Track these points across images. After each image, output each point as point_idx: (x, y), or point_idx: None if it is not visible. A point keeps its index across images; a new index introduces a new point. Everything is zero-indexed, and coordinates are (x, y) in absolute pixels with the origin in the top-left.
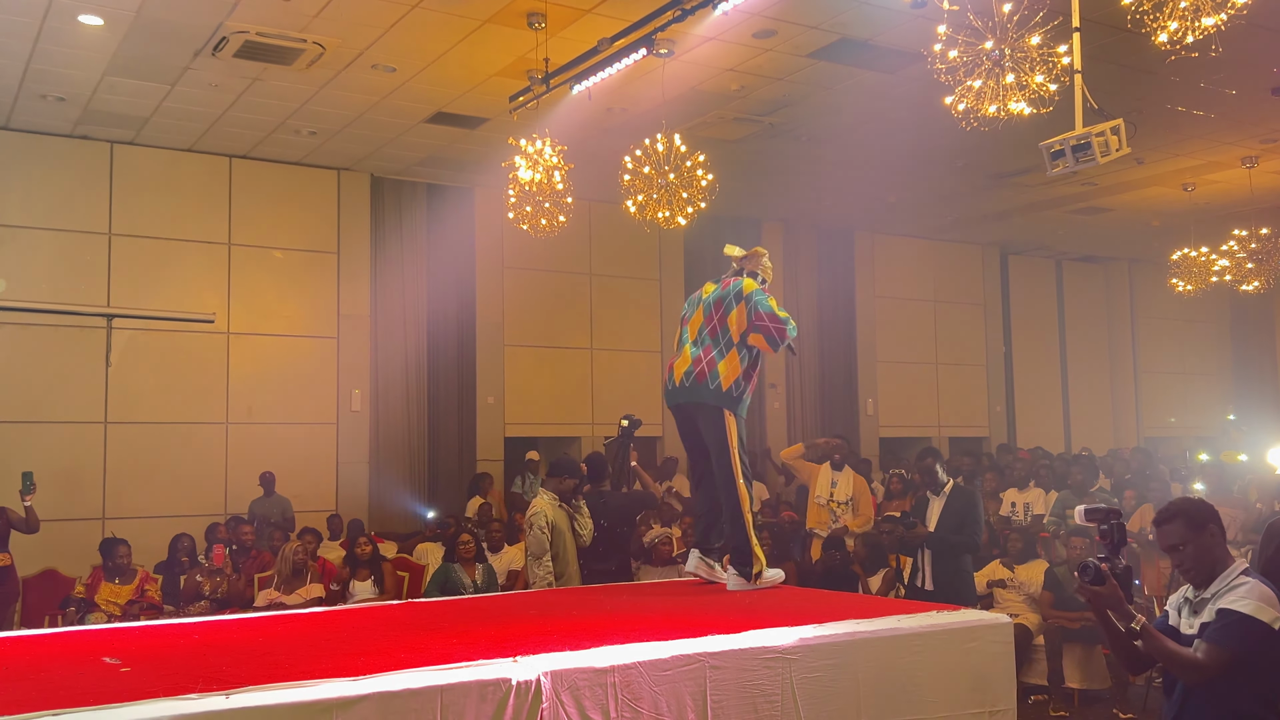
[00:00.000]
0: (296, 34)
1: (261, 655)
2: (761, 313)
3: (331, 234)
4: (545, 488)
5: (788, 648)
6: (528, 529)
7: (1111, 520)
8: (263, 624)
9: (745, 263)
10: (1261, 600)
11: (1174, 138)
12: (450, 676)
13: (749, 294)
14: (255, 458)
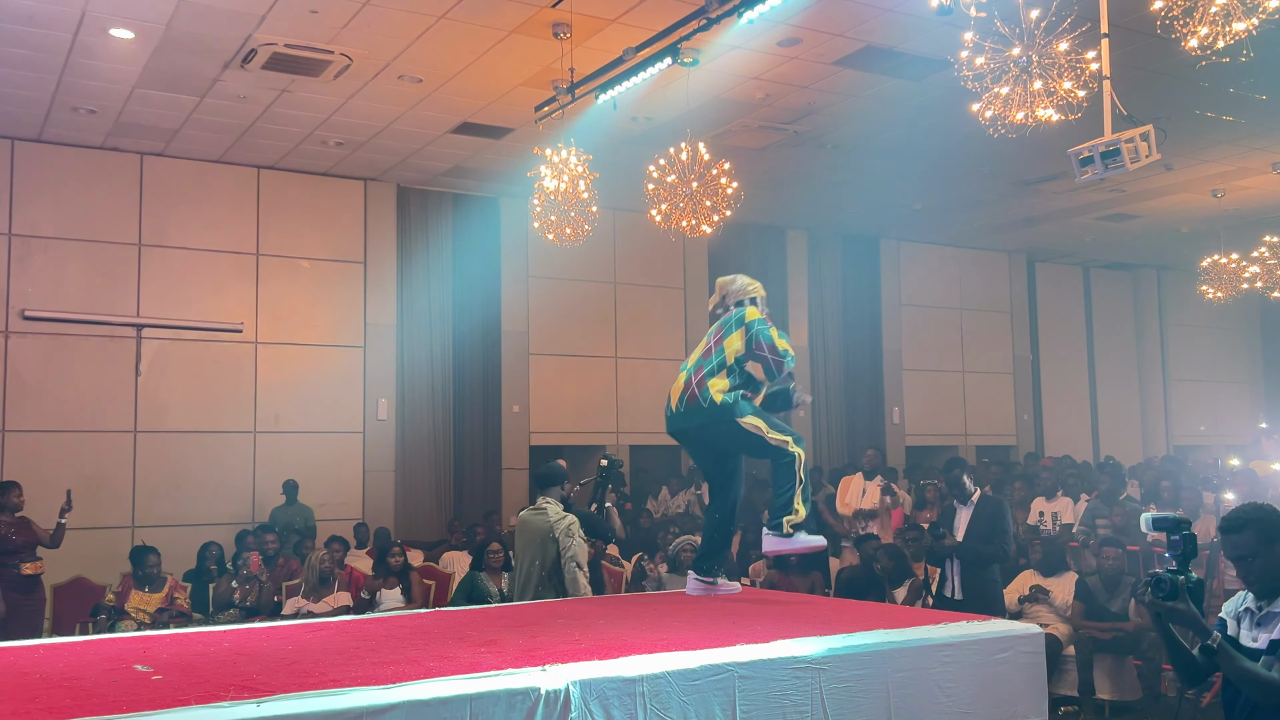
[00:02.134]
0: (324, 45)
1: (291, 663)
2: (762, 343)
3: (358, 244)
4: (549, 498)
5: (817, 658)
6: (567, 539)
7: (1182, 530)
8: (291, 632)
9: (730, 298)
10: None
11: (1203, 143)
12: (479, 685)
13: (750, 322)
14: (282, 466)
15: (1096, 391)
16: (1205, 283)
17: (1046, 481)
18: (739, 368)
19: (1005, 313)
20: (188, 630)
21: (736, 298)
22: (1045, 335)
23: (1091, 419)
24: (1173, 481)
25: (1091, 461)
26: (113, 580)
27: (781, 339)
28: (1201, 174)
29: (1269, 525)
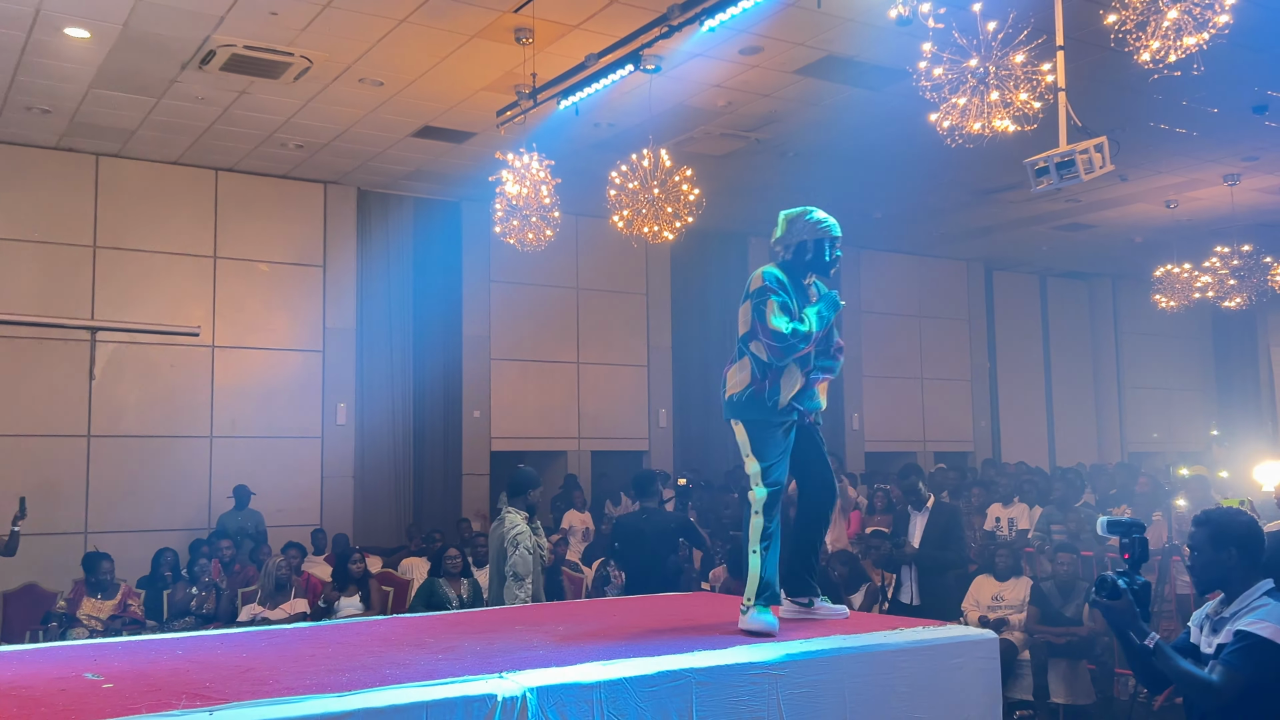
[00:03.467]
0: (284, 47)
1: (246, 671)
2: (757, 324)
3: (318, 247)
4: (513, 505)
5: (775, 664)
6: (511, 549)
7: (1134, 534)
8: (247, 639)
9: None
10: (1273, 621)
11: (1157, 155)
12: (436, 693)
13: (753, 291)
14: (239, 472)
15: (1052, 398)
16: (1159, 292)
17: (1003, 487)
18: (751, 353)
19: (963, 320)
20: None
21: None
22: (1002, 343)
23: (1048, 426)
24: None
25: (1047, 468)
26: (64, 587)
27: (779, 314)
28: (1155, 185)
29: (1222, 530)
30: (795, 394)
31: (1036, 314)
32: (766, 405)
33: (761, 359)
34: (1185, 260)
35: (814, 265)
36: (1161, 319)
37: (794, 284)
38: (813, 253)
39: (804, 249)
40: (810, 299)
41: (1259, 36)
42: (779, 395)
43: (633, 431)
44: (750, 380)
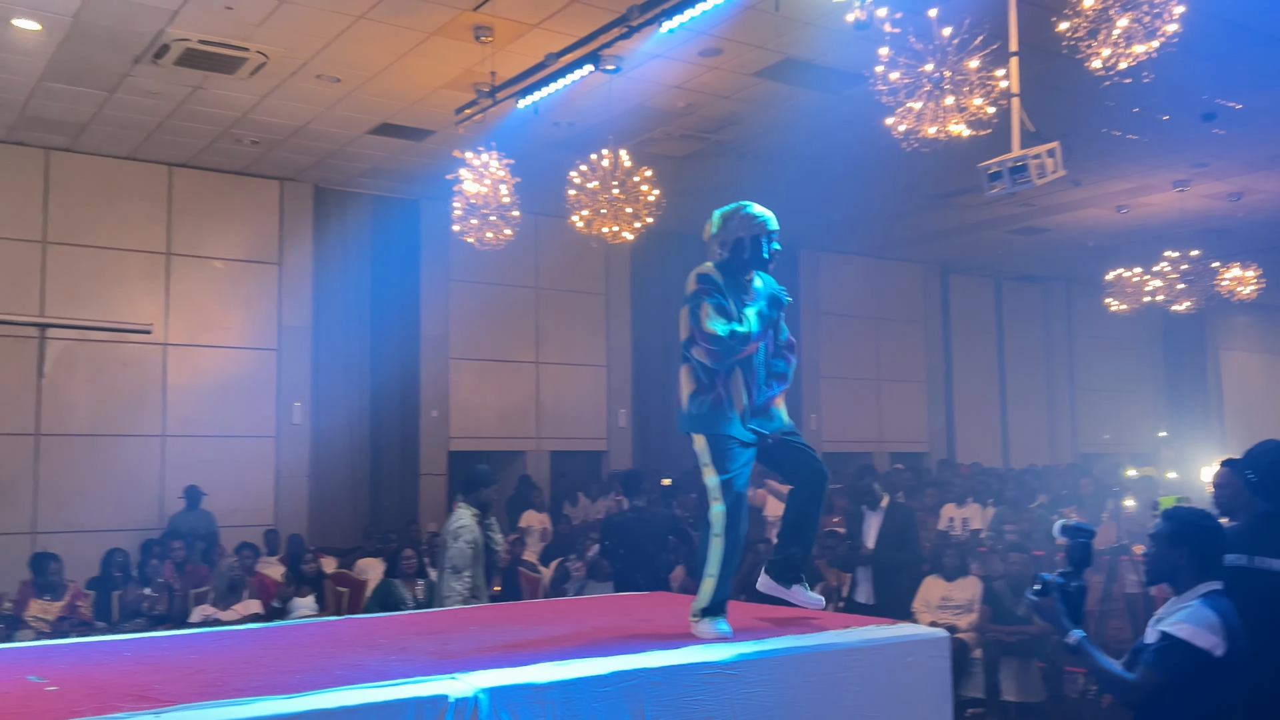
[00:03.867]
0: (239, 42)
1: (195, 673)
2: (693, 326)
3: (273, 245)
4: (466, 502)
5: (728, 664)
6: (451, 541)
7: (1079, 538)
8: (197, 641)
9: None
10: (1200, 625)
11: (1109, 161)
12: (387, 694)
13: (688, 295)
14: (192, 471)
15: (1006, 400)
16: (1110, 296)
17: (957, 488)
18: (693, 358)
19: (920, 323)
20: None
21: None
22: (958, 345)
23: (1001, 427)
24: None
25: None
26: (11, 588)
27: (715, 317)
28: (1107, 190)
29: (1179, 529)
30: (745, 410)
31: (991, 317)
32: (727, 418)
33: (707, 369)
34: (1136, 265)
35: (753, 262)
36: (1113, 322)
37: (733, 282)
38: (750, 249)
39: (742, 246)
40: (752, 295)
41: (1208, 45)
42: (735, 410)
43: (592, 431)
44: (698, 388)
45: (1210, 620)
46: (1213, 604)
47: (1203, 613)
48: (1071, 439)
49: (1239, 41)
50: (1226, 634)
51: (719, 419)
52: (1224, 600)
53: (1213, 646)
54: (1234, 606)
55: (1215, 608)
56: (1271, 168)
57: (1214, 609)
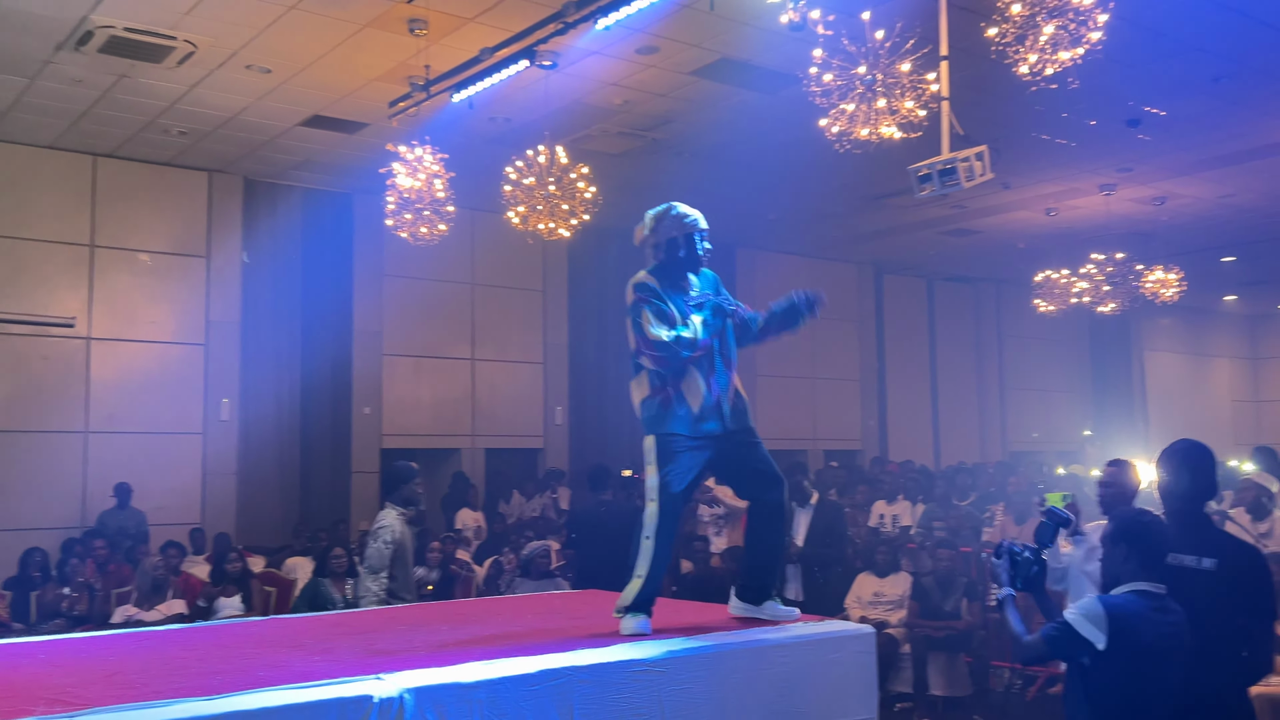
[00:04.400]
0: (167, 31)
1: (112, 674)
2: (638, 337)
3: (201, 237)
4: (391, 501)
5: (656, 661)
6: (371, 541)
7: (1052, 519)
8: (117, 642)
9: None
10: (1086, 616)
11: (1038, 164)
12: (310, 695)
13: (629, 306)
14: (116, 468)
15: (938, 398)
16: (1039, 297)
17: (888, 485)
18: (645, 365)
19: (854, 322)
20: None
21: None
22: (891, 344)
23: (933, 425)
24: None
25: (933, 466)
26: None
27: (656, 323)
28: (1036, 193)
29: (1120, 527)
30: (701, 410)
31: (924, 316)
32: (676, 417)
33: (660, 374)
34: (1064, 266)
35: (687, 261)
36: (1042, 323)
37: (670, 285)
38: (685, 248)
39: (675, 245)
40: (692, 296)
41: (1132, 53)
42: (688, 409)
43: (528, 429)
44: (650, 391)
45: (1097, 614)
46: (1113, 599)
47: (1094, 606)
48: (1001, 437)
49: (1162, 50)
50: (1111, 630)
51: (668, 418)
52: (1138, 601)
53: (1094, 638)
54: (1153, 610)
55: (1111, 603)
56: (1193, 173)
57: (1108, 604)
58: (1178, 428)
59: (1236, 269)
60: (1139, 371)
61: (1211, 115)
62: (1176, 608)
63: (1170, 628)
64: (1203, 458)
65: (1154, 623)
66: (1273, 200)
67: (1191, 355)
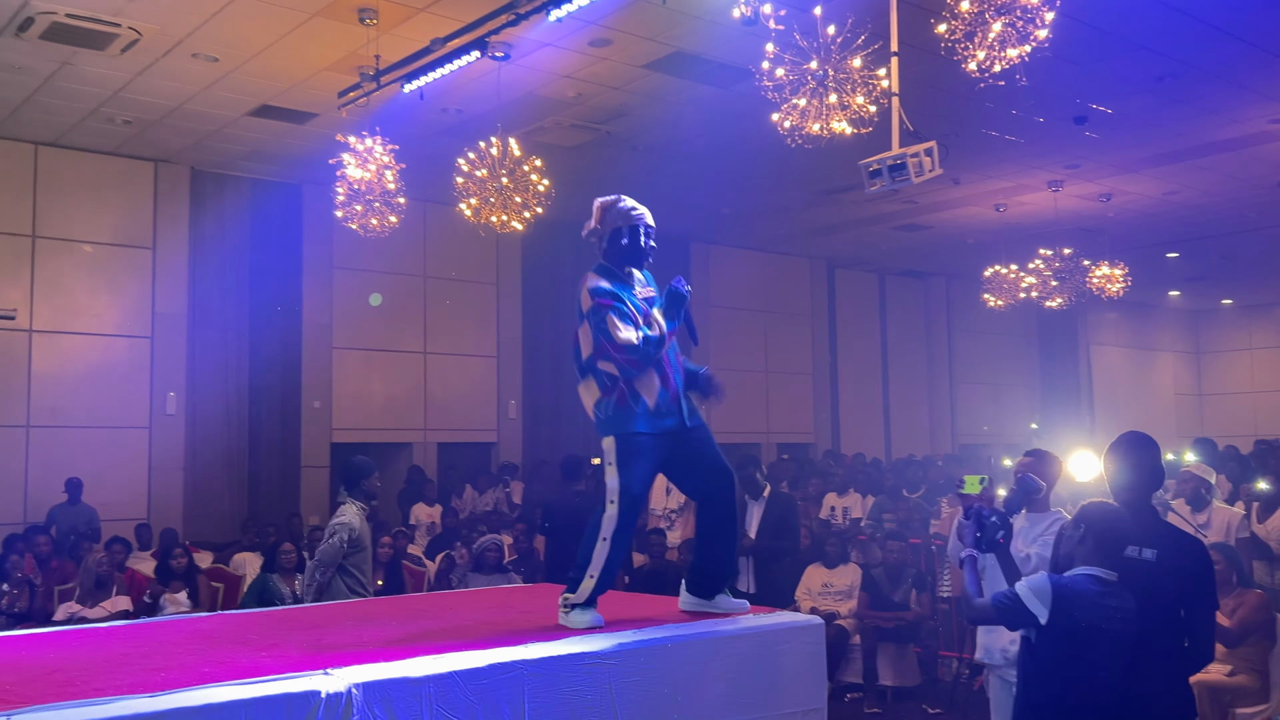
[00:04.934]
0: (110, 18)
1: (53, 672)
2: (604, 343)
3: (147, 228)
4: (351, 496)
5: (606, 653)
6: (327, 536)
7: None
8: (59, 639)
9: (607, 223)
10: (1033, 590)
11: (987, 161)
12: (255, 691)
13: (589, 311)
14: (60, 463)
15: (889, 392)
16: (988, 291)
17: (839, 478)
18: (596, 368)
19: (806, 316)
20: None
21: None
22: (843, 338)
23: (884, 418)
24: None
25: (884, 459)
26: None
27: (623, 327)
28: (986, 189)
29: (1080, 512)
30: (658, 406)
31: (875, 311)
32: (635, 415)
33: (613, 374)
34: (1012, 261)
35: (630, 253)
36: (991, 317)
37: (619, 281)
38: (629, 239)
39: (619, 235)
40: (635, 289)
41: (1079, 51)
42: (645, 406)
43: (481, 423)
44: (603, 390)
45: (1044, 589)
46: (1062, 578)
47: (1043, 581)
48: (951, 430)
49: (1108, 48)
50: (1054, 607)
51: (626, 417)
52: (1087, 583)
53: (1037, 612)
54: (1099, 593)
55: (1059, 581)
56: (1138, 170)
57: (1055, 581)
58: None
59: (1180, 265)
60: (1085, 365)
61: (1156, 113)
62: (1128, 596)
63: (1115, 613)
64: (1149, 450)
65: (1097, 606)
66: (1215, 198)
67: (1136, 349)
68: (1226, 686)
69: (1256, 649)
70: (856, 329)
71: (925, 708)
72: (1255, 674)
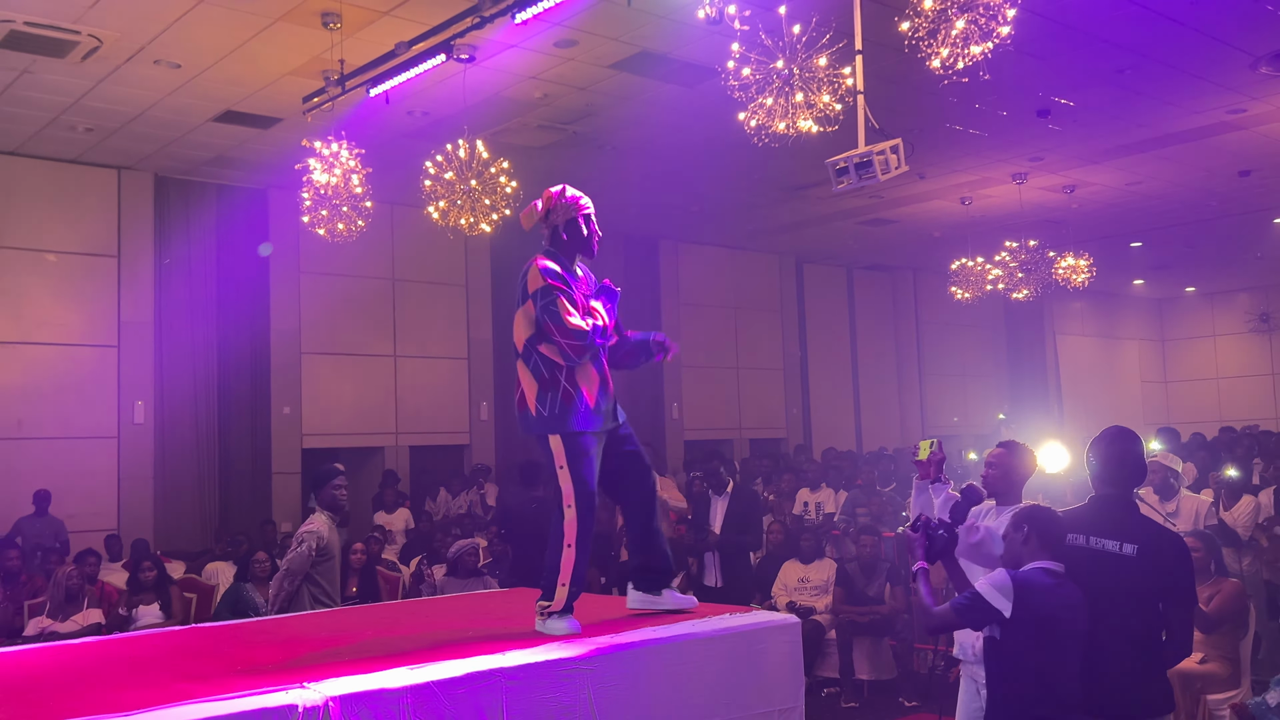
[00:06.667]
0: (70, 25)
1: (25, 690)
2: (549, 325)
3: (111, 236)
4: (320, 504)
5: (583, 658)
6: (295, 544)
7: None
8: (30, 656)
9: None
10: (994, 586)
11: (952, 154)
12: (231, 707)
13: (537, 292)
14: (25, 475)
15: (859, 385)
16: (955, 284)
17: (812, 473)
18: (533, 351)
19: (776, 311)
20: None
21: (567, 214)
22: (812, 333)
23: (855, 412)
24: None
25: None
26: None
27: (574, 313)
28: (951, 183)
29: (1020, 513)
30: (598, 404)
31: (844, 305)
32: (579, 413)
33: (553, 361)
34: (979, 254)
35: (578, 243)
36: (958, 309)
37: (568, 271)
38: (585, 228)
39: (572, 225)
40: (583, 283)
41: (1041, 45)
42: (585, 402)
43: (453, 426)
44: (541, 386)
45: (1004, 584)
46: (1019, 572)
47: (1002, 577)
48: (921, 422)
49: (1069, 42)
50: (1016, 599)
51: (570, 416)
52: (1042, 575)
53: (1001, 607)
54: (1054, 585)
55: (1018, 575)
56: (1101, 161)
57: (1014, 576)
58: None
59: (1144, 254)
60: (1052, 355)
61: (1117, 105)
62: (1075, 587)
63: (1071, 599)
64: (1131, 444)
65: (1056, 595)
66: (1177, 187)
67: (1102, 338)
68: (1198, 674)
69: (1229, 637)
70: (825, 323)
71: (902, 700)
72: (1226, 661)
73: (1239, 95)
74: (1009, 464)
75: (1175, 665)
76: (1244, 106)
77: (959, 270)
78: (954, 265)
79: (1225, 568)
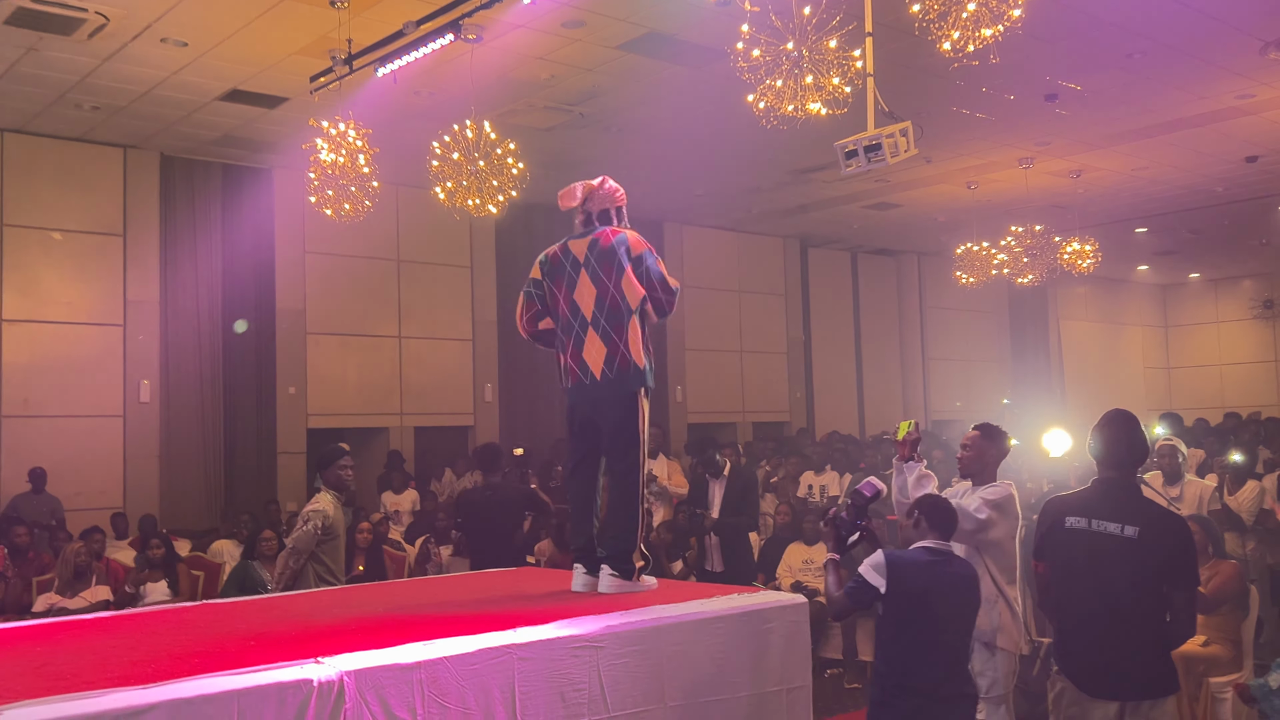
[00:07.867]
0: (77, 2)
1: (40, 666)
2: (655, 281)
3: (117, 215)
4: (325, 484)
5: (595, 636)
6: (301, 524)
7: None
8: (42, 631)
9: (595, 203)
10: (871, 566)
11: (959, 138)
12: (247, 681)
13: (639, 255)
14: (33, 453)
15: (862, 369)
16: (960, 268)
17: (816, 456)
18: (641, 311)
19: (780, 295)
20: None
21: (603, 204)
22: (816, 316)
23: (858, 396)
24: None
25: (858, 435)
26: None
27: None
28: (957, 167)
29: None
30: None
31: (848, 289)
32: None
33: (652, 320)
34: (984, 239)
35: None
36: (962, 294)
37: None
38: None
39: (621, 215)
40: None
41: (1050, 29)
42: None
43: (458, 406)
44: (643, 347)
45: (879, 563)
46: (895, 552)
47: (878, 557)
48: (924, 406)
49: (1078, 26)
50: (889, 576)
51: (652, 371)
52: (921, 554)
53: (877, 584)
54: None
55: (892, 554)
56: (1108, 146)
57: (888, 554)
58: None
59: (1149, 240)
60: (1056, 340)
61: (1125, 90)
62: (964, 563)
63: (950, 578)
64: (1132, 427)
65: (931, 573)
66: (1183, 173)
67: (1106, 324)
68: (1200, 656)
69: (1230, 619)
70: (830, 307)
71: None
72: (1229, 643)
73: (1248, 80)
74: (982, 446)
75: (1180, 646)
76: (1253, 92)
77: (964, 255)
78: (959, 250)
79: (1224, 550)
